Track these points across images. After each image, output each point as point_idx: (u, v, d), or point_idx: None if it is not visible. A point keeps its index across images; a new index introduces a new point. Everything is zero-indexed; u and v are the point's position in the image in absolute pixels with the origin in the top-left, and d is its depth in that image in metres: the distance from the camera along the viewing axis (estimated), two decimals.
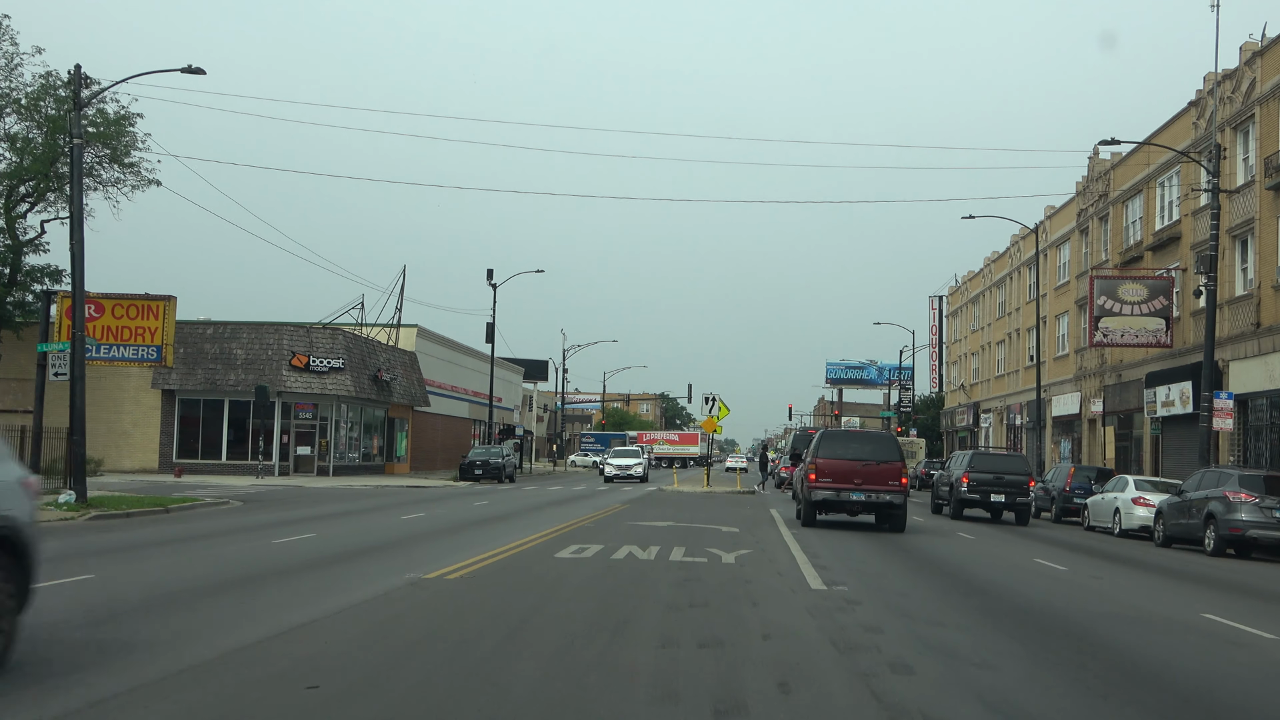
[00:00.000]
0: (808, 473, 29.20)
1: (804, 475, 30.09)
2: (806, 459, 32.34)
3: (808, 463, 30.95)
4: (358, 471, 55.88)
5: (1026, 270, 63.62)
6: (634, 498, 38.53)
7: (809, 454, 32.06)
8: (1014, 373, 65.47)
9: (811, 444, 32.48)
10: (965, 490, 36.21)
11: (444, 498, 36.39)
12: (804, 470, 31.60)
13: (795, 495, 39.06)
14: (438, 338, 70.84)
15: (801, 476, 31.64)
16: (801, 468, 33.10)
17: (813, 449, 30.55)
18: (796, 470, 38.60)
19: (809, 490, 28.34)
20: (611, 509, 30.60)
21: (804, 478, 29.44)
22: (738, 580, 14.19)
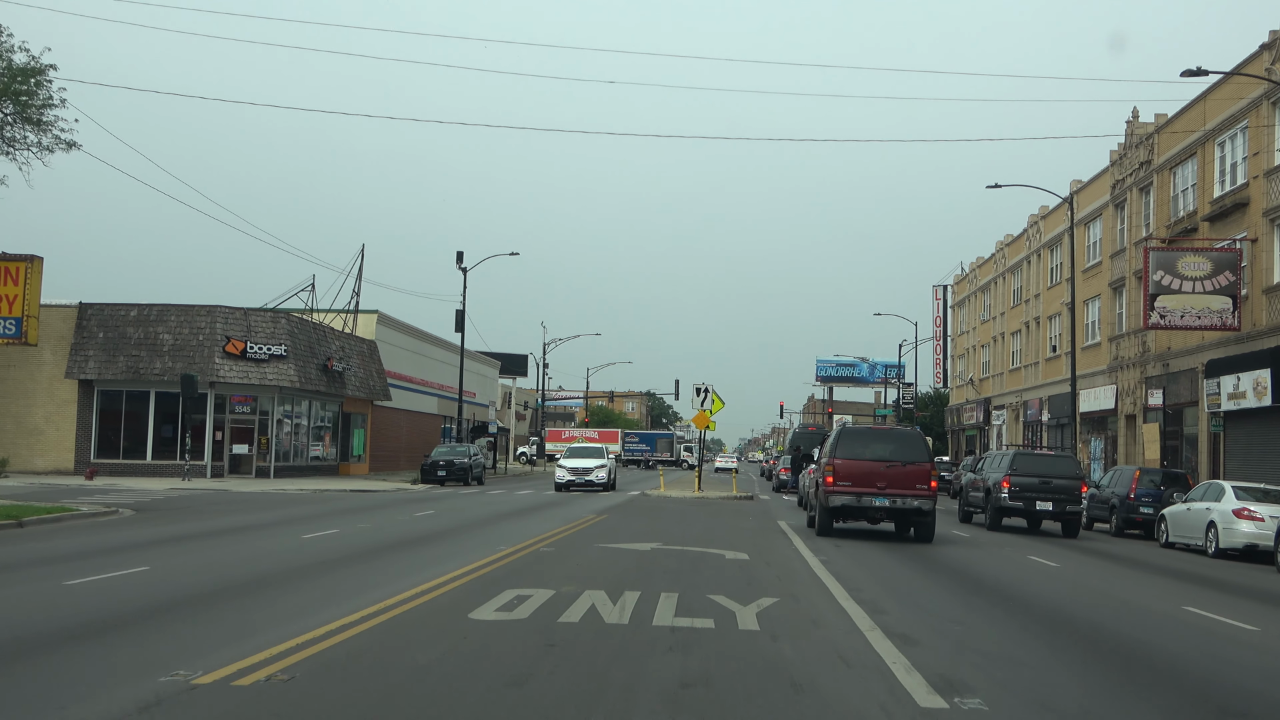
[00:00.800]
0: (824, 475, 25.12)
1: (819, 478, 25.58)
2: (821, 459, 26.74)
3: (823, 464, 25.79)
4: (306, 473, 49.83)
5: (1047, 253, 57.96)
6: (611, 506, 32.65)
7: (824, 454, 26.55)
8: (1032, 365, 59.80)
9: (828, 443, 26.92)
10: (1006, 497, 30.66)
11: (386, 506, 30.46)
12: (819, 472, 26.09)
13: (804, 500, 33.54)
14: (402, 326, 64.80)
15: (816, 479, 26.26)
16: (816, 469, 27.61)
17: (829, 448, 25.71)
18: (809, 471, 33.10)
19: (825, 495, 24.62)
20: (582, 522, 24.71)
21: (819, 481, 25.48)
22: (774, 675, 8.31)
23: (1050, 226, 57.42)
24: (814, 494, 27.84)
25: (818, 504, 26.00)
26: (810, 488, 29.60)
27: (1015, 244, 64.57)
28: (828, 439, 28.87)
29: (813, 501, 28.42)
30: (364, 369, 55.63)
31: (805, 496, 33.40)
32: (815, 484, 27.72)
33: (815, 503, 27.08)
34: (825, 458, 26.96)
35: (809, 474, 33.11)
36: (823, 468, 26.45)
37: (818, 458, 29.88)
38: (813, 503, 28.41)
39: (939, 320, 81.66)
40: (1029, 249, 61.03)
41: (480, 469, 54.22)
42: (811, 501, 28.80)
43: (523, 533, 21.20)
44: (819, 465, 28.07)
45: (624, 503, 34.13)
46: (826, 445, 28.10)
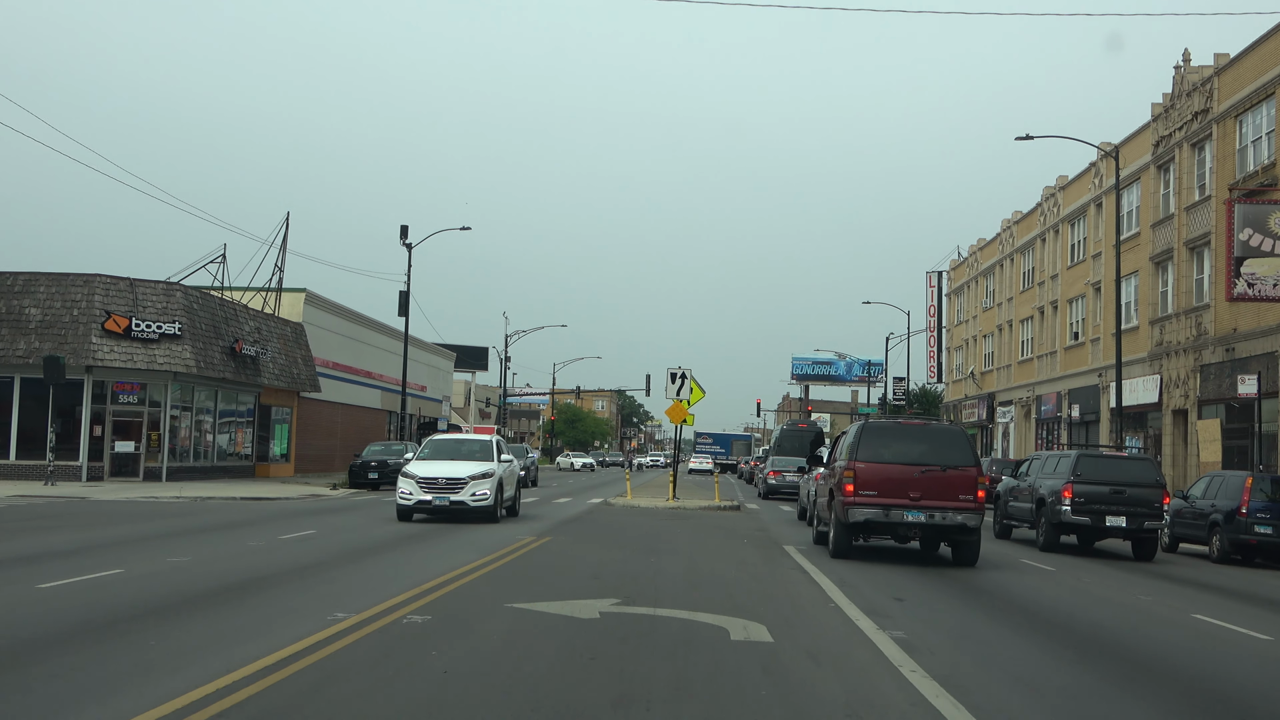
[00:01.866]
0: (842, 483, 19.58)
1: (836, 486, 20.03)
2: (836, 463, 21.02)
3: (840, 468, 20.10)
4: (212, 475, 42.36)
5: (1067, 229, 51.21)
6: (561, 520, 25.43)
7: (839, 455, 21.06)
8: (1047, 355, 53.05)
9: (843, 442, 21.38)
10: (1068, 510, 23.95)
11: (264, 521, 23.13)
12: (833, 479, 20.44)
13: (808, 513, 26.63)
14: (336, 308, 57.29)
15: (832, 487, 20.39)
16: (830, 476, 21.19)
17: (847, 449, 20.31)
18: (815, 477, 26.26)
19: (844, 508, 19.41)
20: (510, 551, 17.41)
21: (837, 489, 19.95)
22: None
23: (1071, 198, 50.66)
24: (826, 505, 21.10)
25: (832, 519, 20.01)
26: (819, 497, 22.80)
27: (1026, 221, 57.83)
28: (842, 439, 22.21)
29: (823, 515, 21.66)
30: (287, 355, 48.15)
31: (810, 508, 26.53)
32: (828, 494, 21.11)
33: (828, 517, 20.70)
34: (842, 460, 20.27)
35: (815, 480, 26.22)
36: (839, 474, 19.94)
37: (829, 460, 23.05)
38: (823, 516, 21.66)
39: (933, 309, 74.97)
40: (1043, 225, 54.28)
41: None
42: (822, 515, 22.08)
43: (412, 572, 14.00)
44: (832, 470, 21.26)
45: (577, 517, 26.85)
46: (842, 445, 21.45)
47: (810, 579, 14.84)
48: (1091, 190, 47.85)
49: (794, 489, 40.94)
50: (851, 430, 21.08)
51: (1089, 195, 48.16)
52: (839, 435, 22.98)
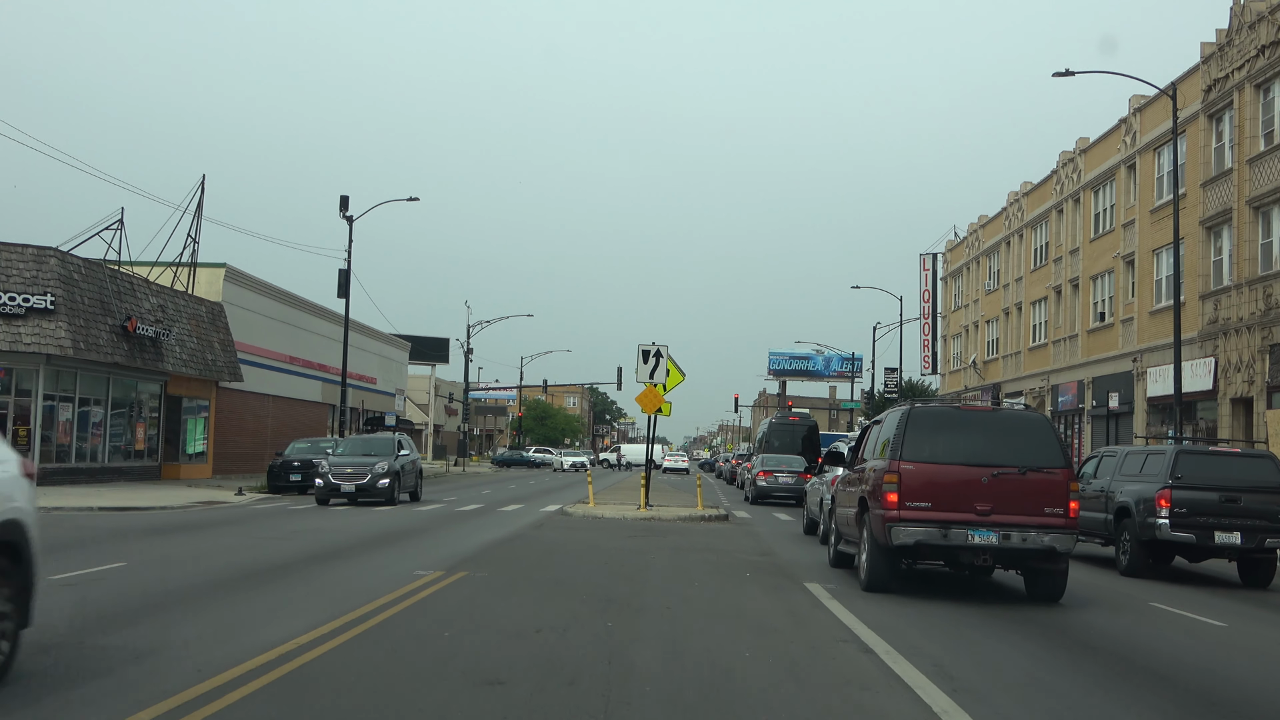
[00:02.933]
0: (881, 491, 14.03)
1: (872, 495, 14.40)
2: (871, 462, 15.22)
3: (878, 471, 14.42)
4: (101, 477, 35.91)
5: (1090, 196, 45.39)
6: (494, 540, 19.11)
7: (875, 452, 15.30)
8: (1066, 340, 47.25)
9: (877, 435, 15.70)
10: (1166, 523, 18.21)
11: (71, 548, 16.80)
12: (869, 486, 14.66)
13: (821, 526, 20.64)
14: (265, 287, 50.76)
15: (864, 496, 14.79)
16: (858, 481, 15.64)
17: (886, 444, 14.59)
18: (831, 481, 20.30)
19: (885, 525, 13.79)
20: (385, 605, 11.07)
21: (872, 499, 14.34)
22: None
23: (1095, 161, 44.83)
24: (853, 520, 15.35)
25: (865, 539, 14.51)
26: (841, 508, 16.81)
27: (1038, 192, 52.01)
28: (874, 431, 16.07)
29: (848, 532, 16.01)
30: (199, 338, 41.66)
31: (824, 520, 20.52)
32: (857, 504, 15.10)
33: (856, 535, 15.22)
34: (878, 460, 14.68)
35: (830, 485, 20.21)
36: (874, 479, 14.39)
37: (853, 459, 17.03)
38: (847, 534, 16.07)
39: (928, 294, 69.00)
40: (1060, 195, 48.46)
41: None
42: (846, 532, 16.17)
43: (242, 641, 7.81)
44: (860, 473, 15.40)
45: (517, 535, 20.49)
46: (874, 439, 15.75)
47: (879, 662, 8.65)
48: (1121, 150, 42.02)
49: (789, 492, 34.86)
50: (891, 419, 15.08)
51: (1118, 157, 42.35)
52: (868, 427, 16.88)
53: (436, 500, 32.63)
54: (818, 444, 45.63)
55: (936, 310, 69.42)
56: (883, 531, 13.72)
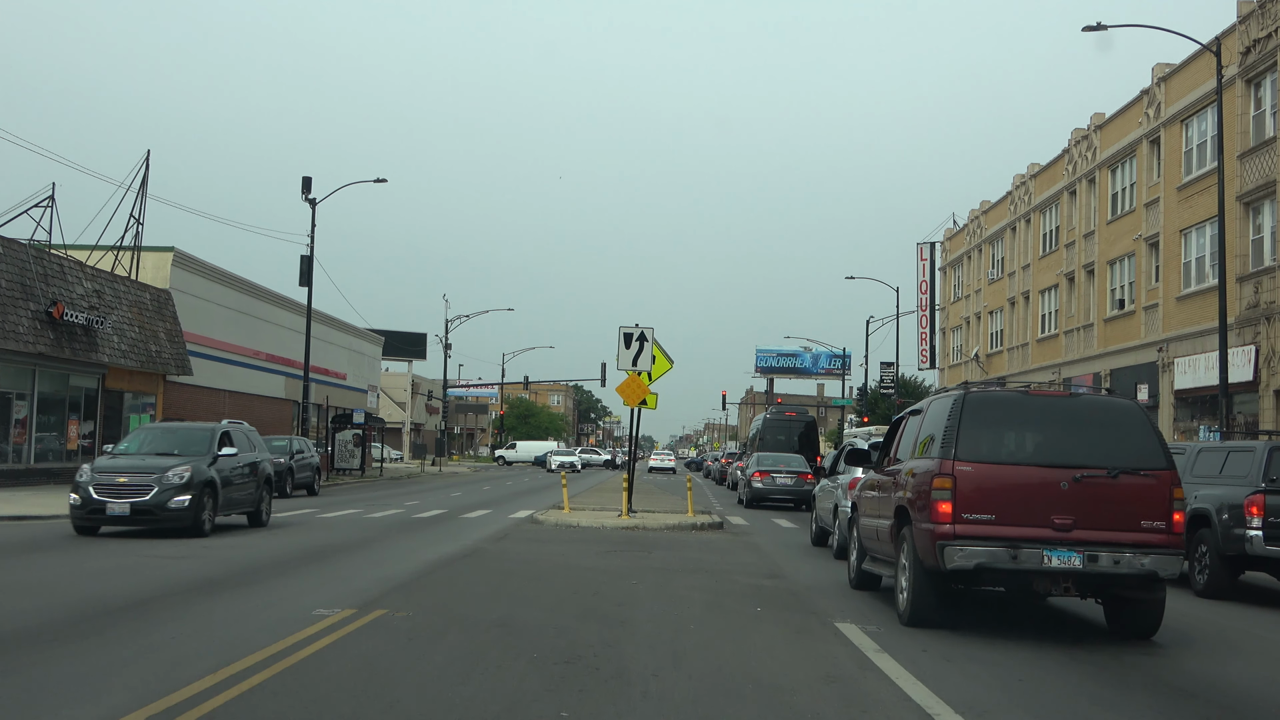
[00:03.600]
0: (930, 499, 10.75)
1: (916, 503, 11.20)
2: (911, 462, 11.93)
3: (923, 473, 11.24)
4: (25, 479, 32.42)
5: (1107, 175, 42.25)
6: (441, 558, 15.60)
7: (914, 449, 12.15)
8: (1081, 329, 44.10)
9: (919, 428, 12.37)
10: (1258, 535, 15.63)
11: None
12: (912, 492, 11.44)
13: (835, 538, 17.30)
14: (220, 274, 47.20)
15: (904, 504, 11.62)
16: (894, 486, 12.38)
17: (933, 439, 11.39)
18: (842, 486, 17.03)
19: (937, 544, 10.46)
20: (305, 640, 7.82)
21: (917, 508, 11.08)
22: None
23: (1113, 137, 41.66)
24: (889, 535, 12.13)
25: (906, 559, 11.34)
26: (869, 518, 13.60)
27: (1048, 173, 48.85)
28: (913, 423, 12.76)
29: (878, 548, 12.91)
30: (142, 327, 38.13)
31: (841, 531, 17.32)
32: (893, 514, 11.91)
33: (892, 553, 12.02)
34: (922, 459, 11.49)
35: (848, 490, 16.99)
36: (919, 483, 11.16)
37: (884, 458, 13.72)
38: (877, 550, 12.99)
39: (925, 285, 65.97)
40: (1073, 175, 45.30)
41: (312, 471, 37.14)
42: (875, 548, 13.09)
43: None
44: (895, 476, 12.32)
45: (473, 550, 17.05)
46: (915, 432, 12.33)
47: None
48: (1143, 124, 38.86)
49: (788, 495, 31.59)
50: (938, 408, 11.87)
51: (1139, 131, 39.18)
52: (901, 418, 13.56)
53: (393, 505, 29.23)
54: (816, 442, 42.41)
55: (934, 302, 66.31)
56: (932, 551, 10.48)
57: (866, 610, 11.72)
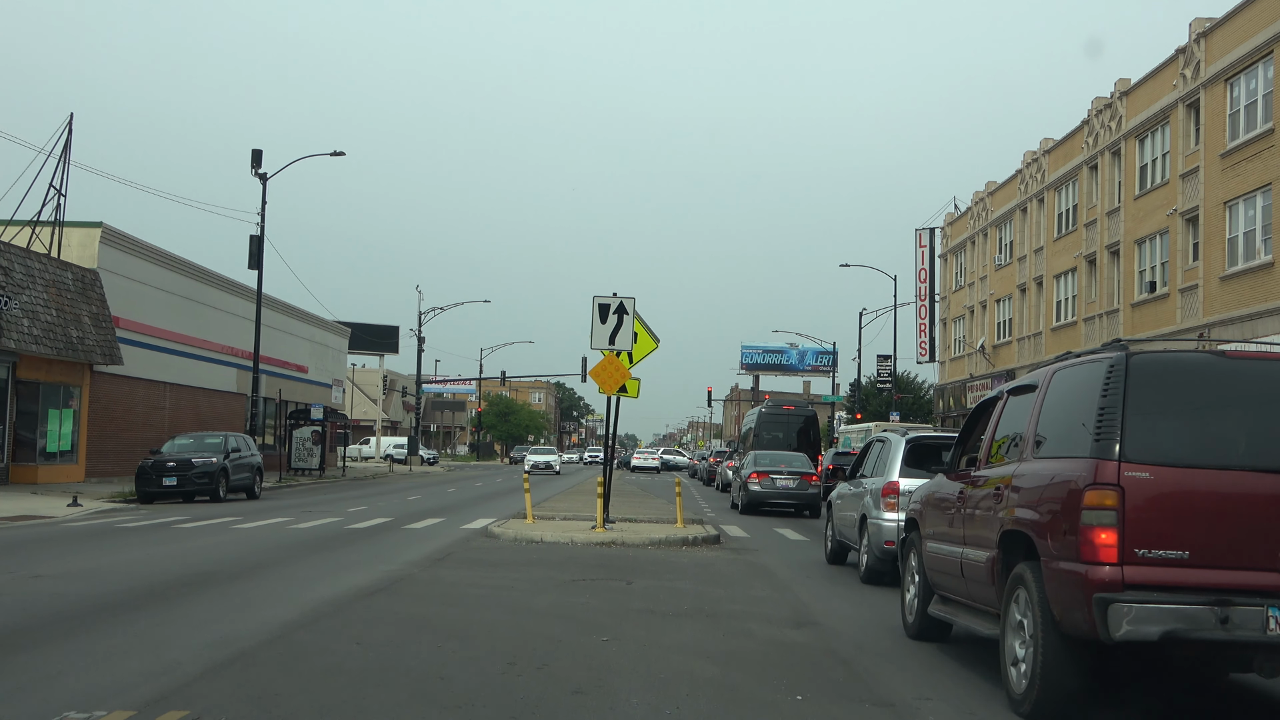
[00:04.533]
0: (1079, 524, 6.45)
1: (1043, 531, 6.83)
2: (1018, 465, 7.72)
3: (1054, 480, 6.89)
4: None
5: (1135, 146, 38.41)
6: (349, 595, 11.48)
7: (1028, 443, 7.77)
8: (1103, 316, 40.31)
9: (1034, 409, 7.99)
10: None
11: None
12: (1038, 512, 7.05)
13: (866, 561, 14.29)
14: (160, 255, 42.94)
15: (1015, 531, 7.40)
16: (992, 501, 8.06)
17: (1075, 427, 7.01)
18: (872, 493, 13.04)
19: (1097, 598, 6.32)
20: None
21: (1049, 539, 6.70)
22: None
23: (1143, 102, 37.81)
24: (985, 572, 8.12)
25: (1038, 623, 6.96)
26: (944, 546, 9.47)
27: (1063, 148, 45.02)
28: (1011, 405, 8.89)
29: (974, 595, 8.59)
30: (61, 310, 33.92)
31: (867, 550, 13.62)
32: (1004, 542, 7.87)
33: (1006, 609, 7.61)
34: (1041, 458, 7.57)
35: (884, 498, 13.07)
36: (1060, 497, 6.94)
37: (967, 461, 9.50)
38: (972, 597, 8.66)
39: (924, 274, 62.16)
40: (1093, 148, 41.48)
41: (251, 472, 32.94)
42: (970, 595, 8.79)
43: None
44: (999, 489, 8.04)
45: (397, 579, 12.81)
46: (1015, 418, 8.48)
47: None
48: (1179, 86, 35.03)
49: (790, 499, 27.61)
50: (1072, 378, 7.89)
51: (1174, 94, 35.36)
52: (989, 401, 9.51)
53: (333, 513, 25.13)
54: (818, 439, 38.45)
55: (934, 291, 62.52)
56: (1082, 609, 6.56)
57: (951, 684, 7.74)
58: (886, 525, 13.21)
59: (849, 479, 16.22)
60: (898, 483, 13.45)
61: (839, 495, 16.53)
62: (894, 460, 13.90)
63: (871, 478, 14.72)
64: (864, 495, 14.57)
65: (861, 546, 14.31)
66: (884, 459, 14.46)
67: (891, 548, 12.94)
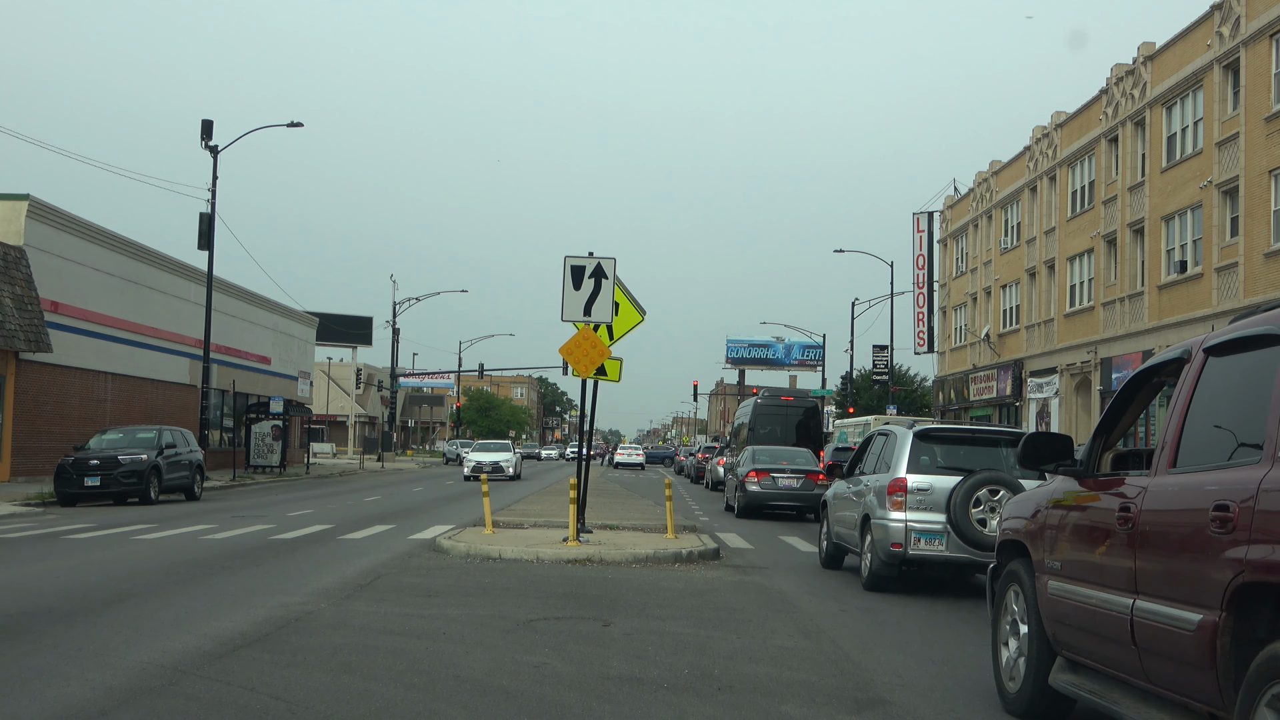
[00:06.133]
0: None
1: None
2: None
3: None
4: None
5: (1161, 115, 35.26)
6: (194, 659, 8.14)
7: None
8: (1125, 300, 37.21)
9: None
10: None
11: None
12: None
13: (877, 569, 12.81)
14: (97, 232, 39.36)
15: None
16: (1232, 521, 4.48)
17: None
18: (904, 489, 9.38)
19: None
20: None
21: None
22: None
23: (1170, 66, 34.65)
24: (1190, 648, 4.72)
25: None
26: (1106, 594, 5.91)
27: (1079, 120, 41.87)
28: (1271, 354, 4.85)
29: (1151, 673, 5.24)
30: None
31: (875, 554, 12.63)
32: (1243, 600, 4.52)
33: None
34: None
35: (890, 496, 10.07)
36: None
37: (1162, 456, 5.85)
38: (1151, 676, 5.27)
39: (922, 260, 59.04)
40: (1113, 118, 38.34)
41: (190, 470, 29.49)
42: (1147, 673, 5.36)
43: None
44: (1236, 503, 4.59)
45: (289, 622, 9.53)
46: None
47: None
48: (1214, 46, 31.90)
49: (793, 500, 24.31)
50: None
51: (1208, 55, 32.24)
52: (1196, 352, 5.84)
53: (268, 518, 21.74)
54: (819, 433, 35.19)
55: (933, 278, 59.38)
56: None
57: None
58: (893, 526, 12.22)
59: (846, 476, 14.87)
60: (905, 479, 12.34)
61: (835, 494, 15.18)
62: (900, 454, 12.70)
63: (873, 474, 13.42)
64: (866, 494, 13.33)
65: (864, 549, 13.05)
66: (888, 453, 13.18)
67: (898, 550, 12.17)
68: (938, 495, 12.03)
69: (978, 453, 12.78)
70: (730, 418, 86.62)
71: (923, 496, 12.15)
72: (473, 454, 47.91)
